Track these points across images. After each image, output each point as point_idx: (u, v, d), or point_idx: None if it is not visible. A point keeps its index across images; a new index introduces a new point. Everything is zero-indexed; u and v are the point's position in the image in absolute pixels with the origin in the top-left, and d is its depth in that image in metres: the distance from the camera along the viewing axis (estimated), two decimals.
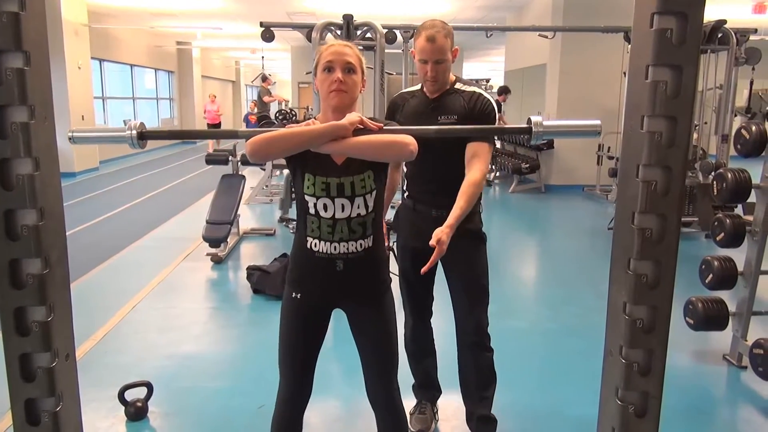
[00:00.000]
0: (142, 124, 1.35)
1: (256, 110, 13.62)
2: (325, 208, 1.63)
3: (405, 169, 2.33)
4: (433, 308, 2.43)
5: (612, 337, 1.24)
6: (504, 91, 10.21)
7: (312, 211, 1.64)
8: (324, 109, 1.67)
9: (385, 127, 1.55)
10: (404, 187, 2.34)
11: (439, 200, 2.18)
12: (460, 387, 2.39)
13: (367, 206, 1.65)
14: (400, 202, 2.39)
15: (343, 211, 1.63)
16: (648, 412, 1.21)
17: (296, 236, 1.73)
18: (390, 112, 2.30)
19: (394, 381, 1.80)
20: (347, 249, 1.65)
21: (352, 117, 1.52)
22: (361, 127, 1.52)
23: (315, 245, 1.66)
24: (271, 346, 1.83)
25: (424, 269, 1.87)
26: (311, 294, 1.72)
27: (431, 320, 2.45)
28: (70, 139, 1.33)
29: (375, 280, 1.75)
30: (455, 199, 2.17)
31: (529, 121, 1.34)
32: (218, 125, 14.65)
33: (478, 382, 2.34)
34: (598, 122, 1.31)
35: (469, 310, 2.28)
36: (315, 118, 1.70)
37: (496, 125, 2.21)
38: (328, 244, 1.64)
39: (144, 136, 1.34)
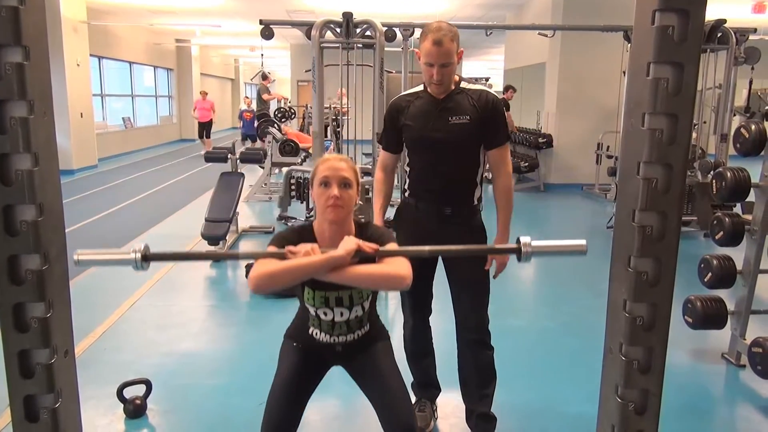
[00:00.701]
0: (146, 246, 1.38)
1: (252, 107, 13.33)
2: (325, 314, 1.75)
3: (407, 169, 2.32)
4: (431, 306, 2.43)
5: (612, 334, 1.24)
6: (510, 88, 10.17)
7: (313, 314, 1.77)
8: (320, 221, 1.73)
9: (380, 249, 1.58)
10: (405, 186, 2.33)
11: (446, 198, 2.22)
12: (460, 385, 2.38)
13: (364, 308, 1.77)
14: (400, 200, 2.38)
15: (342, 316, 1.75)
16: (648, 409, 1.21)
17: (300, 314, 1.83)
18: (391, 115, 2.28)
19: (411, 415, 1.78)
20: (346, 339, 1.79)
21: (349, 246, 1.54)
22: (360, 249, 1.56)
23: (316, 334, 1.79)
24: (269, 344, 1.83)
25: (494, 275, 2.20)
26: (311, 351, 1.83)
27: (430, 319, 2.45)
28: (75, 262, 1.32)
29: (371, 343, 1.85)
30: (461, 197, 2.26)
31: (518, 241, 1.38)
32: (209, 124, 13.76)
33: (479, 380, 2.34)
34: (583, 242, 1.35)
35: (471, 308, 2.29)
36: (312, 226, 1.75)
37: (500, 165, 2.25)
38: (328, 336, 1.78)
39: (148, 258, 1.36)
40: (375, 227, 1.79)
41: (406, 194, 2.33)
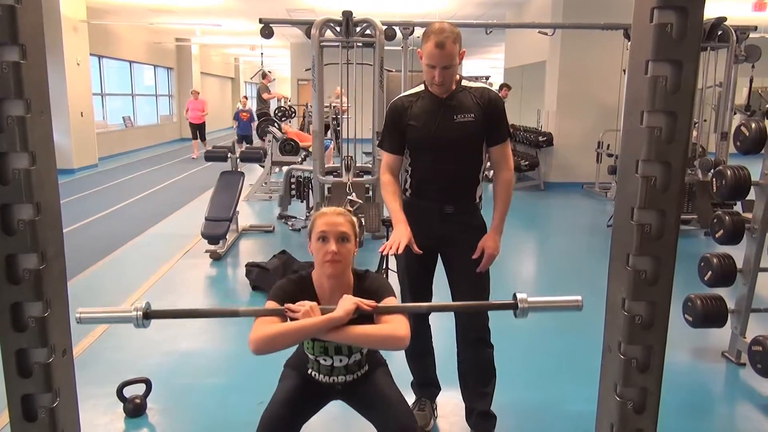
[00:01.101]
0: (147, 303, 1.42)
1: (249, 106, 12.97)
2: (325, 360, 1.78)
3: (409, 169, 2.30)
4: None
5: (611, 333, 1.23)
6: (504, 86, 10.18)
7: (312, 359, 1.80)
8: (318, 274, 1.74)
9: (379, 305, 1.60)
10: (406, 185, 2.32)
11: (448, 196, 2.23)
12: (460, 383, 2.38)
13: (362, 353, 1.80)
14: (401, 199, 2.35)
15: (341, 362, 1.78)
16: (647, 408, 1.21)
17: (300, 352, 1.85)
18: (393, 117, 2.26)
19: (413, 420, 1.79)
20: (345, 380, 1.82)
21: (347, 306, 1.55)
22: (358, 306, 1.57)
23: (315, 375, 1.82)
24: None
25: (479, 269, 2.19)
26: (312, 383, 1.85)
27: (429, 318, 2.45)
28: (77, 320, 1.35)
29: (368, 378, 1.86)
30: (463, 195, 2.26)
31: (514, 297, 1.42)
32: (202, 126, 13.06)
33: (479, 378, 2.34)
34: (578, 298, 1.38)
35: (482, 318, 2.28)
36: (311, 276, 1.77)
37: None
38: (327, 377, 1.81)
39: (149, 315, 1.38)
40: (373, 278, 1.79)
41: (408, 193, 2.33)
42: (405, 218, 2.20)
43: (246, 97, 14.64)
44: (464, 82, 2.22)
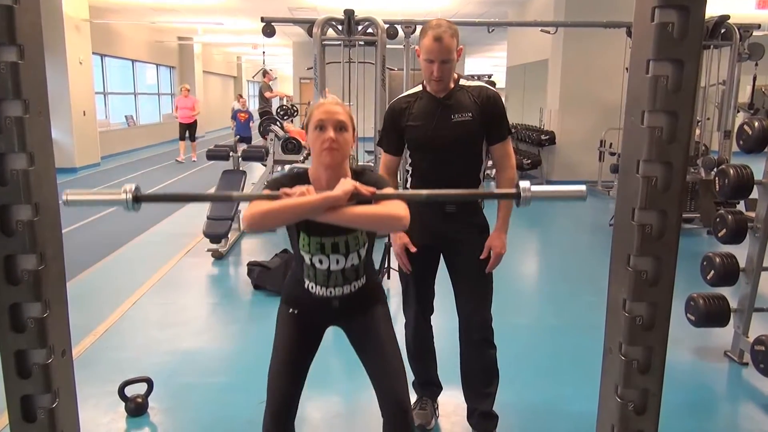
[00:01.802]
0: (137, 187, 1.34)
1: (247, 106, 12.53)
2: (321, 262, 1.71)
3: (409, 169, 2.31)
4: (433, 305, 2.42)
5: (611, 334, 1.23)
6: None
7: (308, 262, 1.72)
8: (316, 165, 1.69)
9: (377, 192, 1.56)
10: (407, 186, 2.32)
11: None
12: (462, 383, 2.38)
13: (360, 256, 1.74)
14: None
15: (338, 264, 1.71)
16: (647, 409, 1.20)
17: (294, 271, 1.80)
18: (392, 118, 2.27)
19: (405, 388, 1.77)
20: (342, 291, 1.75)
21: (346, 186, 1.52)
22: (356, 191, 1.53)
23: (312, 287, 1.75)
24: (270, 342, 1.82)
25: (488, 269, 2.19)
26: (308, 314, 1.79)
27: (431, 318, 2.44)
28: (64, 202, 1.27)
29: (369, 303, 1.82)
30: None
31: (517, 186, 1.37)
32: (193, 126, 12.08)
33: (482, 379, 2.33)
34: (583, 187, 1.33)
35: (475, 307, 2.28)
36: (307, 172, 1.72)
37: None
38: (324, 288, 1.74)
39: (139, 199, 1.32)
40: (371, 174, 1.74)
41: None
42: None
43: (242, 96, 14.01)
44: (462, 81, 2.21)
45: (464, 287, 2.28)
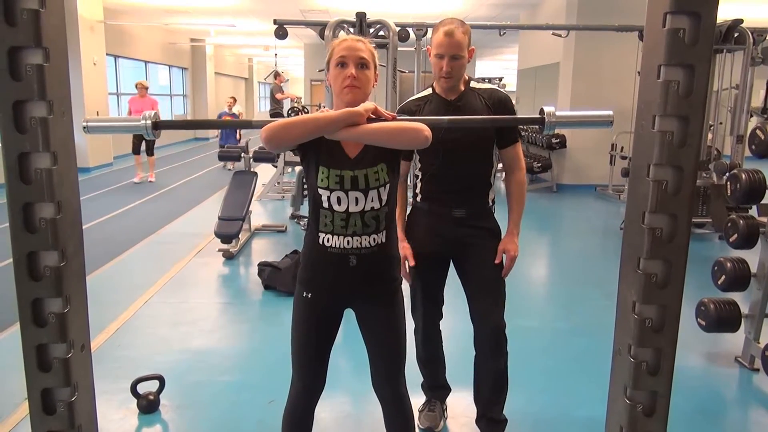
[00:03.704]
0: (156, 113, 1.37)
1: (235, 109, 11.39)
2: (339, 201, 1.61)
3: (419, 174, 2.27)
4: (442, 311, 2.40)
5: (621, 336, 1.24)
6: None
7: (325, 204, 1.62)
8: (337, 104, 1.66)
9: (398, 117, 1.56)
10: (417, 190, 2.29)
11: (461, 200, 2.20)
12: (474, 388, 2.36)
13: (380, 199, 1.64)
14: (411, 205, 2.33)
15: (356, 204, 1.61)
16: (656, 411, 1.21)
17: (308, 234, 1.72)
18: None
19: (401, 377, 1.81)
20: (360, 243, 1.64)
21: (367, 104, 1.53)
22: (374, 116, 1.53)
23: (328, 240, 1.64)
24: (281, 341, 1.84)
25: (503, 273, 2.17)
26: (322, 294, 1.72)
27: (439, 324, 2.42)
28: (84, 128, 1.32)
29: (387, 277, 1.74)
30: (474, 199, 2.22)
31: (541, 111, 1.35)
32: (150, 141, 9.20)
33: (491, 386, 2.30)
34: (609, 112, 1.31)
35: (488, 314, 2.23)
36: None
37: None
38: (341, 238, 1.63)
39: (158, 125, 1.35)
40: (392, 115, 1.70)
41: (418, 198, 2.29)
42: (403, 235, 2.23)
43: (234, 98, 12.57)
44: (473, 84, 2.19)
45: (477, 294, 2.24)
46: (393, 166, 1.67)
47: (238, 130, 10.84)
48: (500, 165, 2.30)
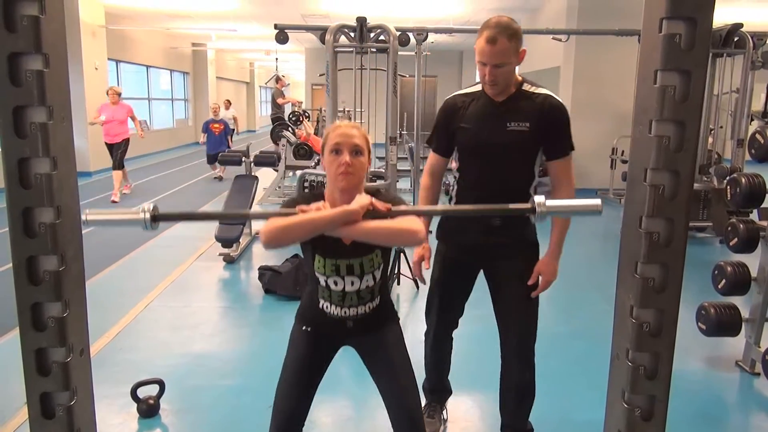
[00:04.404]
0: (155, 206, 1.36)
1: (221, 114, 10.54)
2: (336, 283, 1.71)
3: (456, 175, 2.17)
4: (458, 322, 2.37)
5: (619, 340, 1.24)
6: None
7: (323, 283, 1.73)
8: (331, 189, 1.70)
9: (393, 208, 1.56)
10: (453, 193, 2.20)
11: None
12: (500, 400, 2.32)
13: (375, 278, 1.73)
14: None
15: (352, 285, 1.71)
16: (654, 415, 1.21)
17: (309, 290, 1.80)
18: (445, 115, 2.11)
19: (417, 407, 1.79)
20: (357, 312, 1.75)
21: (362, 201, 1.52)
22: (371, 209, 1.53)
23: (326, 307, 1.76)
24: (281, 345, 1.85)
25: (534, 294, 2.07)
26: (321, 332, 1.81)
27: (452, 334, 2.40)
28: (83, 222, 1.29)
29: (382, 323, 1.82)
30: None
31: (532, 200, 1.35)
32: (122, 147, 7.91)
33: (515, 398, 2.28)
34: (598, 201, 1.34)
35: (521, 332, 2.17)
36: (323, 193, 1.73)
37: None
38: (338, 308, 1.74)
39: (157, 218, 1.35)
40: (386, 194, 1.73)
41: (452, 203, 2.19)
42: (426, 235, 2.15)
43: (228, 101, 12.52)
44: (526, 86, 2.03)
45: (508, 311, 2.16)
46: (387, 249, 1.75)
47: (229, 137, 10.17)
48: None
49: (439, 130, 2.16)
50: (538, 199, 1.34)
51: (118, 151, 8.03)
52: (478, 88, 2.07)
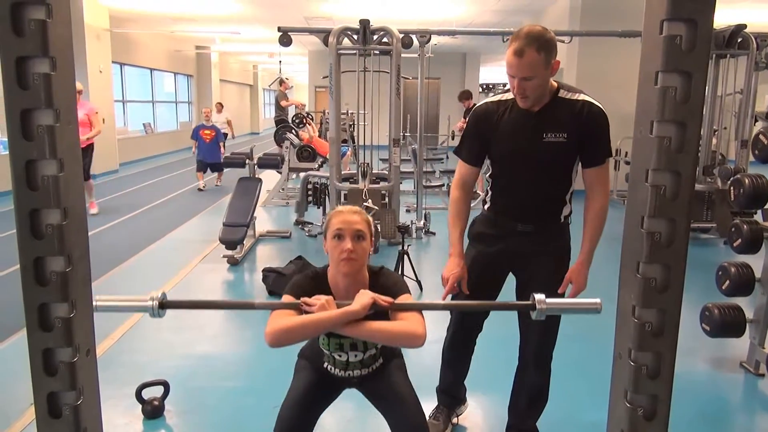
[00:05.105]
0: (163, 294, 1.39)
1: (213, 119, 9.68)
2: (340, 356, 1.80)
3: (490, 180, 2.12)
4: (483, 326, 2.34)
5: (621, 340, 1.24)
6: (466, 96, 8.58)
7: (328, 354, 1.83)
8: (334, 273, 1.74)
9: (395, 303, 1.59)
10: (486, 198, 2.16)
11: (528, 215, 2.05)
12: (510, 399, 2.33)
13: (377, 348, 1.82)
14: (480, 213, 2.23)
15: (356, 357, 1.80)
16: (657, 415, 1.21)
17: (315, 346, 1.85)
18: (478, 124, 2.03)
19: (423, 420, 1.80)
20: (360, 373, 1.84)
21: (364, 300, 1.54)
22: (374, 301, 1.55)
23: (331, 369, 1.85)
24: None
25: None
26: (327, 380, 1.88)
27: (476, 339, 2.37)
28: (94, 308, 1.32)
29: (387, 365, 1.89)
30: (546, 215, 2.05)
31: (532, 297, 1.37)
32: (86, 154, 6.57)
33: (533, 403, 2.28)
34: (597, 300, 1.38)
35: (541, 337, 2.15)
36: (326, 274, 1.77)
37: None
38: (343, 371, 1.84)
39: (165, 305, 1.38)
40: (388, 275, 1.77)
41: (486, 206, 2.15)
42: (461, 251, 2.07)
43: (220, 104, 11.85)
44: (562, 93, 1.95)
45: (530, 327, 2.12)
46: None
47: (222, 143, 9.34)
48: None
49: (471, 139, 2.08)
50: (539, 296, 1.36)
51: (85, 157, 6.53)
52: (511, 95, 1.97)
